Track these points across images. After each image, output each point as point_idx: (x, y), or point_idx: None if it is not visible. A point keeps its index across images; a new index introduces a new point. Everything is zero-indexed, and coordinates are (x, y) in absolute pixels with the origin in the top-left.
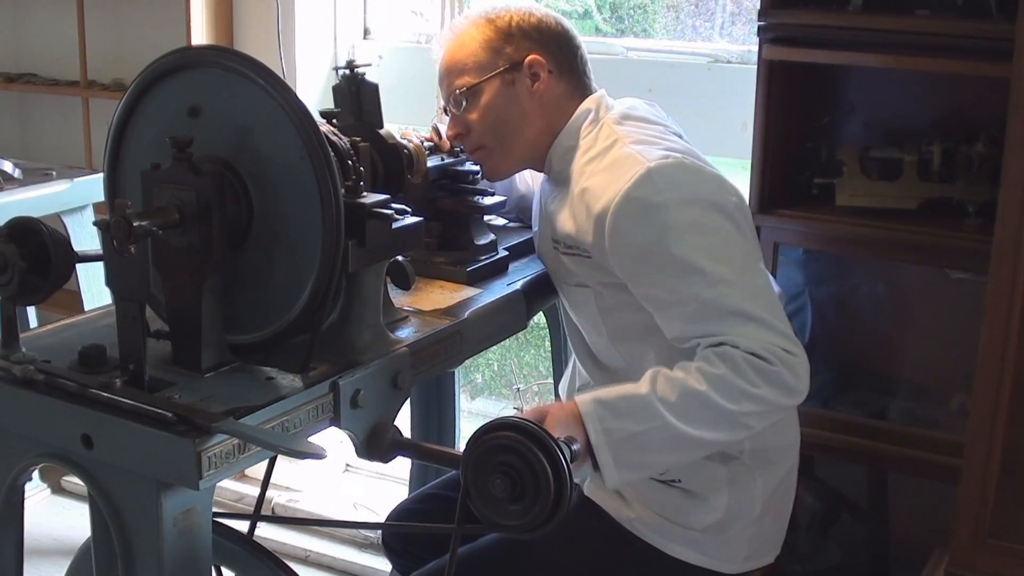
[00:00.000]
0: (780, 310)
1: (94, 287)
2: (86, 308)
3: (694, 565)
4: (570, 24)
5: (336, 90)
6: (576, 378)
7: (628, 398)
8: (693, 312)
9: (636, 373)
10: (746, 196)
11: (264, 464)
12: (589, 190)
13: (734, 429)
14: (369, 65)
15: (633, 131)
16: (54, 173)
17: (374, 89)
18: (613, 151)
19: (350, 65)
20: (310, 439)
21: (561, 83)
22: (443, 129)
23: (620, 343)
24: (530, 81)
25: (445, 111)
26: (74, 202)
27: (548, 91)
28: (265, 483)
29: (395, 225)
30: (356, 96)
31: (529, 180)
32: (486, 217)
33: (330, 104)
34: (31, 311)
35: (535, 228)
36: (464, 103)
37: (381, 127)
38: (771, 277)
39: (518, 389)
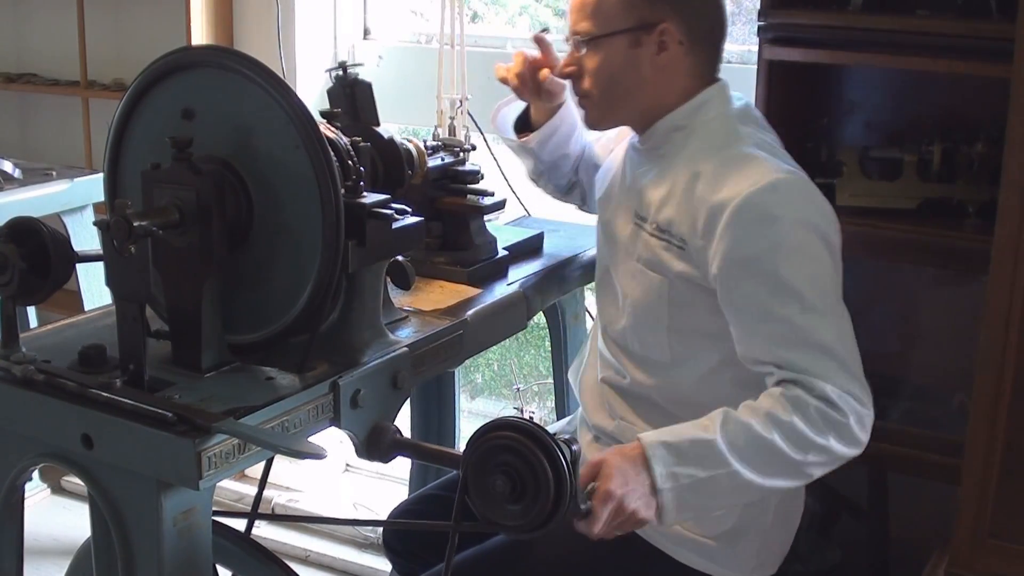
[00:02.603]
0: (858, 354)
1: (94, 287)
2: (86, 308)
3: (698, 571)
4: None
5: (331, 93)
6: (589, 367)
7: (696, 443)
8: (780, 336)
9: (680, 368)
10: None
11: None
12: (703, 177)
13: (797, 477)
14: (361, 65)
15: (755, 134)
16: (54, 173)
17: (368, 87)
18: (735, 148)
19: (343, 66)
20: (310, 439)
21: (688, 58)
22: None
23: (679, 338)
24: (656, 49)
25: (566, 40)
26: (74, 202)
27: (671, 63)
28: (262, 482)
29: (395, 225)
30: (351, 97)
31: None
32: (486, 217)
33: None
34: (31, 311)
35: (601, 191)
36: (584, 49)
37: (378, 124)
38: None
39: (518, 389)
